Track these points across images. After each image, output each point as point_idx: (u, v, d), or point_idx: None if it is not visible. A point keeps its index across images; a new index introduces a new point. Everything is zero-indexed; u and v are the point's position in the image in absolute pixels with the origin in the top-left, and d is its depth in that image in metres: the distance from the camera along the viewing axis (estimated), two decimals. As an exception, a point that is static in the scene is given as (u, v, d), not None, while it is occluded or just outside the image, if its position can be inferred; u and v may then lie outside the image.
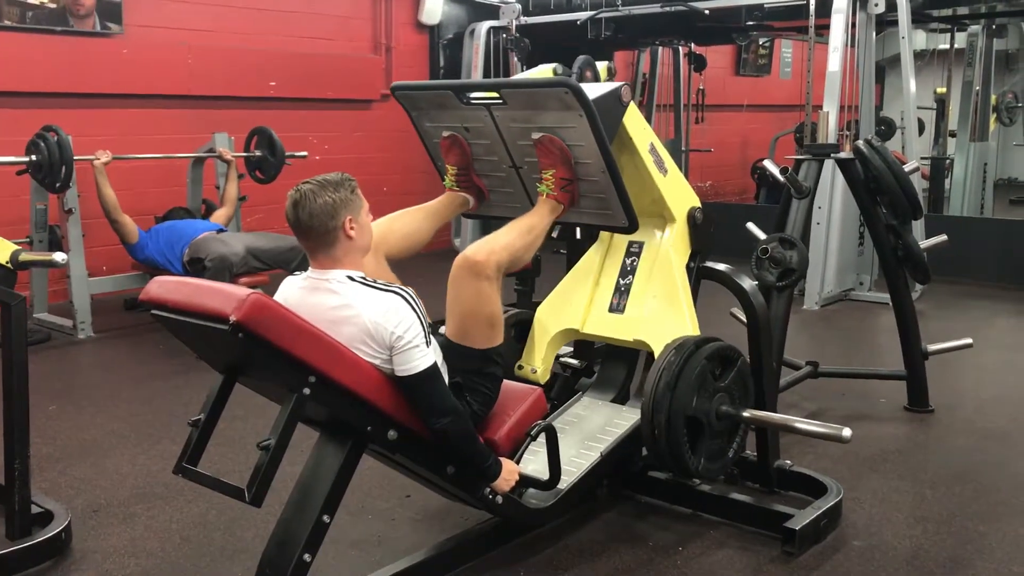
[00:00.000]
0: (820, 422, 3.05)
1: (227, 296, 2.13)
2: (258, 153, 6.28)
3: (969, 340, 4.41)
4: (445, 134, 3.06)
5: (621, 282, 3.18)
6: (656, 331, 3.02)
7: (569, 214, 2.96)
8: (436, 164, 3.20)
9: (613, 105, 2.85)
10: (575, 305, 3.21)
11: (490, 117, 2.91)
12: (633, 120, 2.96)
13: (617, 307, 3.15)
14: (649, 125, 3.11)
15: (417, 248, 2.98)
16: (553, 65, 3.53)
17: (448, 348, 2.58)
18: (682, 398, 2.72)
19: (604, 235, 3.31)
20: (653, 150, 3.02)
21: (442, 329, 2.65)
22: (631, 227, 2.92)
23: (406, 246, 2.92)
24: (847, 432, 2.75)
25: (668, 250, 3.11)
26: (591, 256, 3.30)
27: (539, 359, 3.18)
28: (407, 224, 2.94)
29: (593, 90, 2.76)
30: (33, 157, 5.37)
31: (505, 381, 2.72)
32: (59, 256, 3.67)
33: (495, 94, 2.84)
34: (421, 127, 3.14)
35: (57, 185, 5.40)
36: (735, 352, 2.90)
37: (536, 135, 2.82)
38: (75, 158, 5.40)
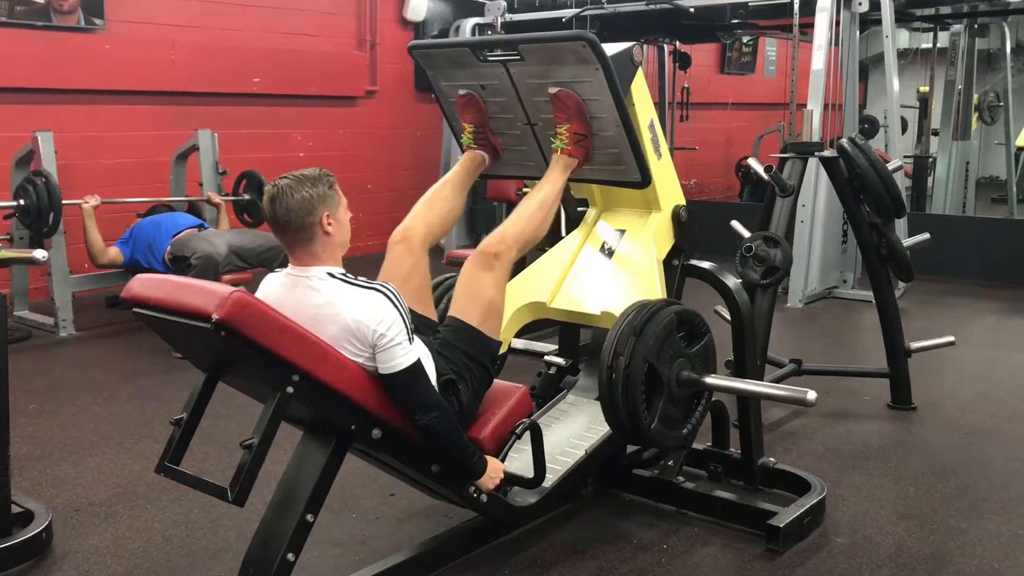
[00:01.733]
0: (784, 386, 3.04)
1: (209, 294, 2.11)
2: (247, 196, 6.20)
3: (951, 338, 4.44)
4: (461, 92, 3.06)
5: (597, 263, 3.17)
6: (625, 303, 2.87)
7: (583, 170, 2.98)
8: (451, 124, 3.21)
9: (626, 63, 2.88)
10: (545, 281, 3.17)
11: (506, 74, 2.92)
12: (639, 90, 2.97)
13: (587, 285, 3.13)
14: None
15: (455, 223, 3.11)
16: None
17: (453, 330, 2.62)
18: (646, 343, 2.62)
19: (587, 220, 3.30)
20: (652, 127, 3.02)
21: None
22: (644, 181, 2.94)
23: (447, 226, 3.02)
24: (812, 395, 2.66)
25: (649, 239, 3.08)
26: (571, 238, 3.28)
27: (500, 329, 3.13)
28: (442, 207, 2.96)
29: (608, 48, 2.78)
30: (21, 201, 5.39)
31: (491, 380, 2.72)
32: (39, 253, 3.65)
33: (513, 50, 2.85)
34: (437, 86, 3.15)
35: (45, 231, 5.40)
36: (704, 326, 2.83)
37: (553, 89, 2.84)
38: (64, 203, 5.38)
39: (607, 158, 2.96)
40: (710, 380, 2.77)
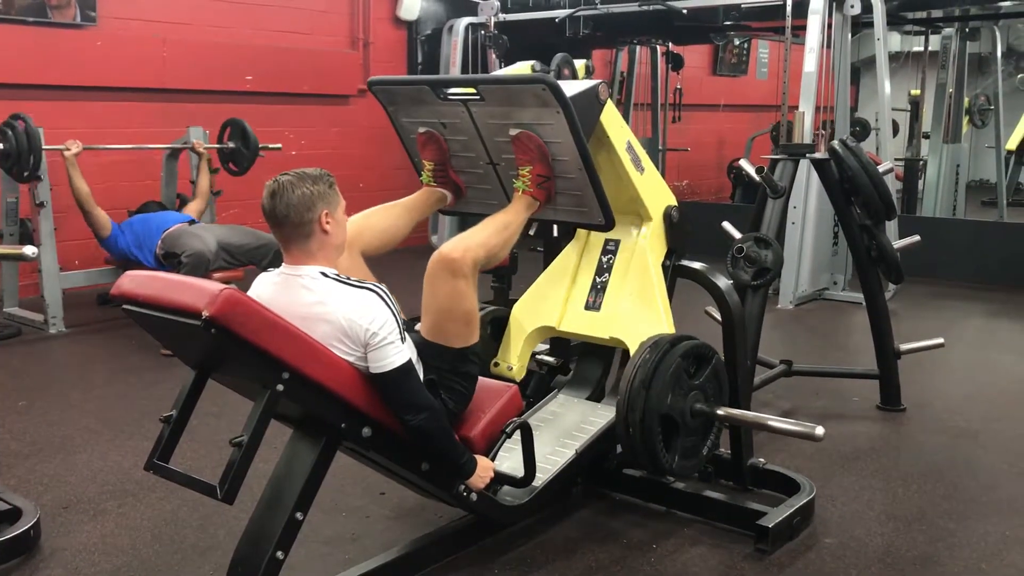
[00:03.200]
0: (794, 420, 3.07)
1: (200, 291, 2.11)
2: (231, 144, 6.23)
3: (941, 340, 4.45)
4: (421, 130, 3.05)
5: (597, 280, 3.19)
6: (631, 329, 3.02)
7: (546, 211, 2.96)
8: (413, 160, 3.19)
9: (590, 103, 2.85)
10: (551, 303, 3.22)
11: (467, 113, 2.90)
12: (610, 118, 2.96)
13: (593, 305, 3.16)
14: (627, 123, 3.11)
15: (394, 244, 2.96)
16: (531, 62, 3.53)
17: (424, 346, 2.57)
18: (657, 396, 2.71)
19: (581, 233, 3.30)
20: (630, 148, 3.03)
21: (417, 327, 2.65)
22: (607, 225, 2.92)
23: (383, 242, 2.91)
24: (820, 431, 2.76)
25: (644, 248, 3.12)
26: (568, 254, 3.30)
27: (515, 356, 3.18)
28: (383, 220, 2.93)
29: (571, 87, 2.76)
30: (1, 146, 5.30)
31: (480, 379, 2.72)
32: (29, 250, 3.61)
33: (472, 90, 2.83)
34: (398, 122, 3.13)
35: (25, 174, 5.34)
36: (709, 350, 2.90)
37: (513, 131, 2.81)
38: (44, 147, 5.34)
39: (570, 200, 2.93)
40: (722, 413, 2.88)
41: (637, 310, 3.07)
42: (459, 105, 2.90)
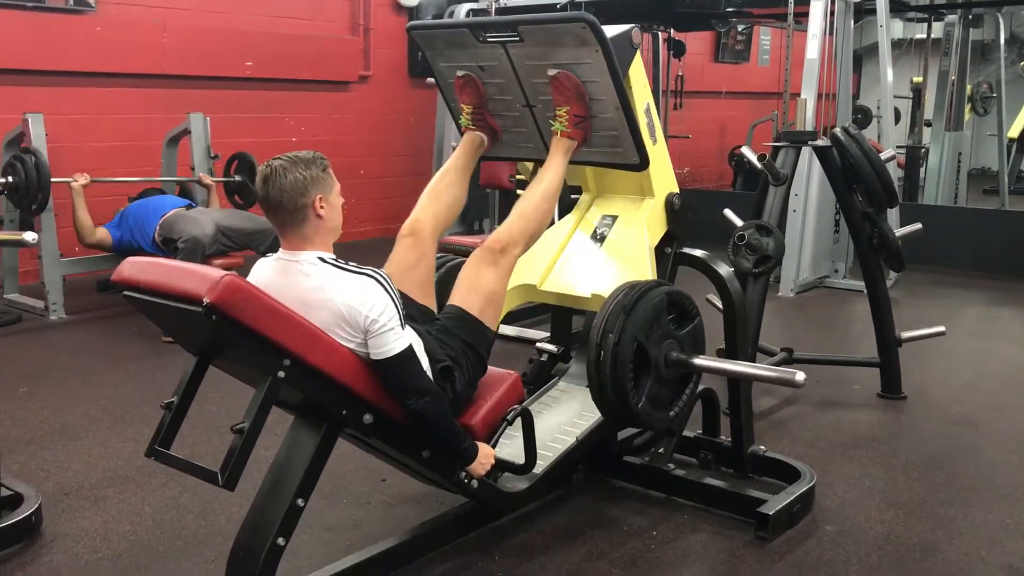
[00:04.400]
0: (773, 367, 3.05)
1: (201, 277, 2.10)
2: (238, 178, 6.17)
3: (942, 328, 4.45)
4: (460, 73, 3.05)
5: (588, 248, 3.16)
6: (615, 286, 2.85)
7: (581, 153, 2.98)
8: (449, 105, 3.21)
9: (625, 45, 2.88)
10: (537, 264, 3.16)
11: (505, 55, 2.92)
12: (637, 74, 2.96)
13: (578, 269, 3.13)
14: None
15: (460, 210, 3.07)
16: None
17: (452, 317, 2.64)
18: (636, 322, 2.61)
19: (580, 205, 3.31)
20: (648, 112, 3.01)
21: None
22: (642, 164, 2.94)
23: (452, 216, 3.00)
24: (800, 376, 2.64)
25: (642, 225, 3.08)
26: (563, 223, 3.28)
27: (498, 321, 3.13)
28: (447, 196, 2.96)
29: (608, 29, 2.78)
30: (10, 179, 5.35)
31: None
32: (29, 235, 3.62)
33: (512, 31, 2.84)
34: (435, 67, 3.14)
35: (34, 207, 5.38)
36: (694, 308, 2.83)
37: (552, 71, 2.84)
38: (52, 179, 5.36)
39: (605, 140, 2.96)
40: (698, 361, 2.78)
41: (624, 276, 2.98)
42: (497, 47, 2.91)
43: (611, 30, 2.81)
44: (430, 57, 3.12)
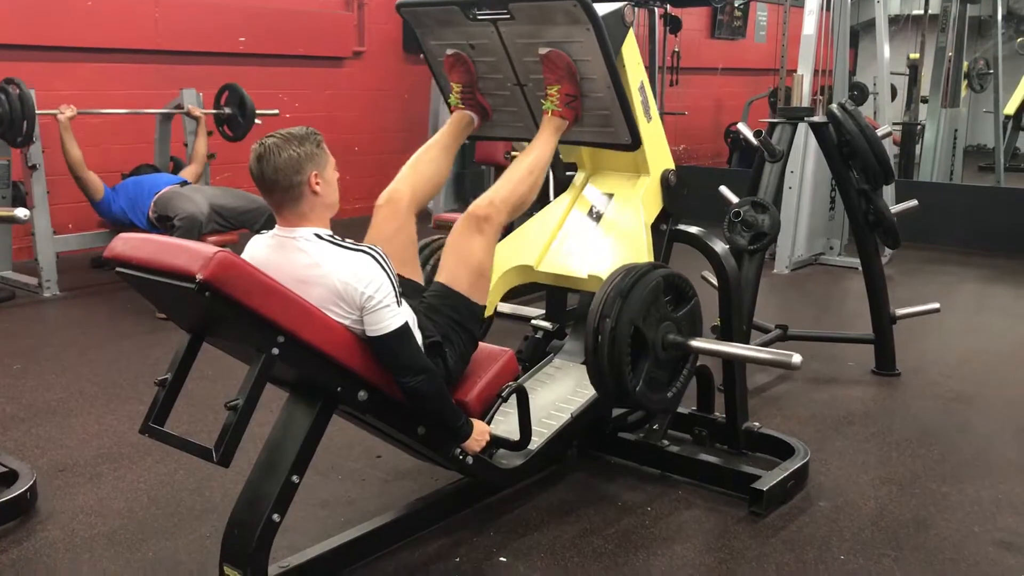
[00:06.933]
0: (769, 349, 3.05)
1: (194, 254, 2.09)
2: (228, 110, 6.18)
3: (936, 305, 4.46)
4: (449, 51, 3.03)
5: (584, 227, 3.15)
6: (612, 268, 2.85)
7: (572, 132, 2.97)
8: (439, 83, 3.18)
9: (617, 23, 2.86)
10: (533, 244, 3.16)
11: (496, 33, 2.89)
12: (630, 52, 2.94)
13: (574, 248, 3.11)
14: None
15: (440, 188, 3.06)
16: None
17: (440, 294, 2.63)
18: (633, 306, 2.61)
19: (575, 184, 3.29)
20: (642, 90, 3.00)
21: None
22: (634, 144, 2.93)
23: (431, 192, 2.96)
24: (797, 358, 2.67)
25: (637, 203, 3.07)
26: (559, 202, 3.27)
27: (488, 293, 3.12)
28: (427, 169, 2.94)
29: (599, 7, 2.76)
30: None
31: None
32: (21, 212, 3.59)
33: (503, 9, 2.82)
34: (425, 45, 3.12)
35: (19, 140, 5.31)
36: (691, 289, 2.82)
37: (543, 50, 2.82)
38: (38, 112, 5.30)
39: (597, 120, 2.94)
40: (695, 343, 2.77)
41: (620, 253, 3.00)
42: (488, 25, 2.88)
43: (603, 8, 2.79)
44: (420, 35, 3.09)
